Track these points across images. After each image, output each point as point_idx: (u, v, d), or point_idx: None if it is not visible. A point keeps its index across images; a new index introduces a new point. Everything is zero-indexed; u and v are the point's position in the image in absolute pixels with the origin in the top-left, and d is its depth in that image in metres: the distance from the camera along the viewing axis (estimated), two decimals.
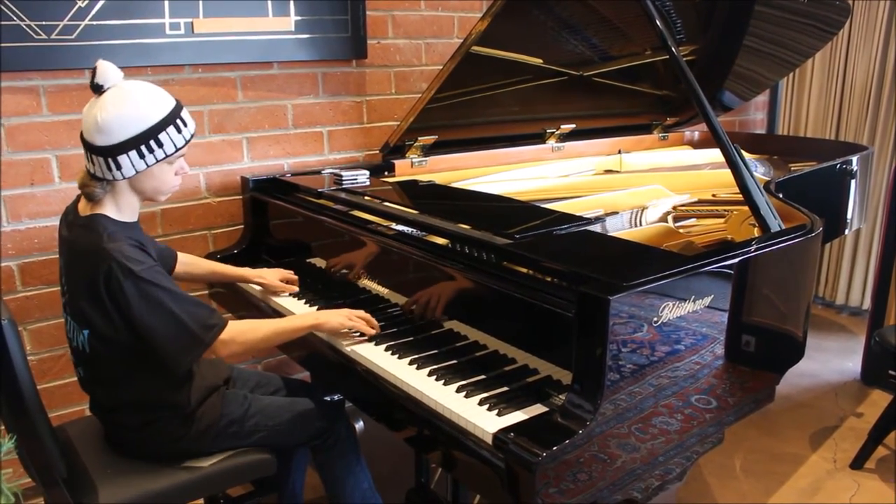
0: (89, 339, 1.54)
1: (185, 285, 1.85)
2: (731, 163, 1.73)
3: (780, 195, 1.97)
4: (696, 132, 3.26)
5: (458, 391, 1.42)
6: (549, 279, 1.41)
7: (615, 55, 2.61)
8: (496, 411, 1.34)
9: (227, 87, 2.42)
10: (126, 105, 1.47)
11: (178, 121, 1.54)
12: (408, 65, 2.80)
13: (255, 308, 2.04)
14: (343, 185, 2.16)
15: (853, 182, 2.64)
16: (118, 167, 1.49)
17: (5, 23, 1.96)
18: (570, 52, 2.47)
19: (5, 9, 1.95)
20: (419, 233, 1.76)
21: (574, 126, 2.80)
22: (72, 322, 1.59)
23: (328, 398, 1.88)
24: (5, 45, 1.97)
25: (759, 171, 2.61)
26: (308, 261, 2.12)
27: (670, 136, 3.16)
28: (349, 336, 1.69)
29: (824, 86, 3.85)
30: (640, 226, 1.91)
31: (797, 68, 3.40)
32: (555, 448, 1.18)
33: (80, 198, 1.61)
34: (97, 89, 1.49)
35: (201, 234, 2.48)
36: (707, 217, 2.05)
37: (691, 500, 2.35)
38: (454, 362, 1.54)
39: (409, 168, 2.45)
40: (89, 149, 1.50)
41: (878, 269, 3.13)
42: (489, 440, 1.27)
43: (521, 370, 1.47)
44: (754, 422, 2.76)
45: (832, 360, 3.38)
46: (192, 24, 2.27)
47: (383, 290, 1.81)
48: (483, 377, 1.46)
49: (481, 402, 1.37)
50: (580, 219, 1.73)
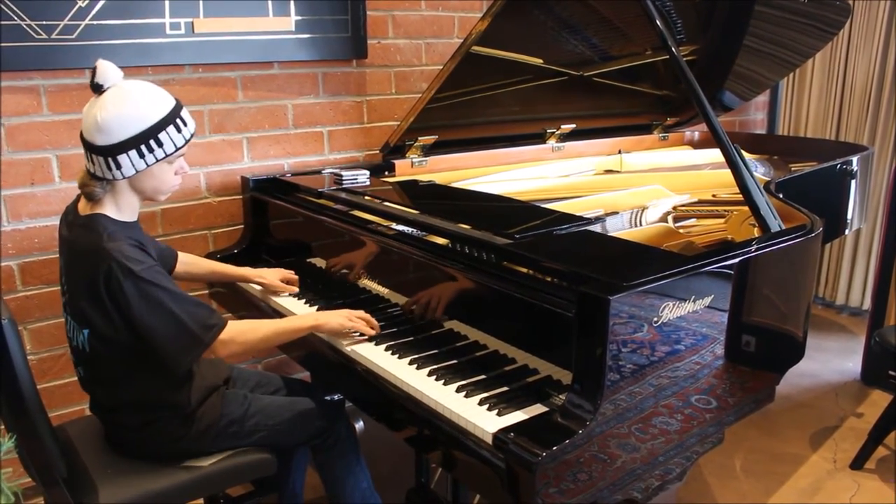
0: (89, 338, 1.54)
1: (185, 285, 1.85)
2: (732, 163, 1.73)
3: (781, 195, 1.97)
4: (696, 132, 3.26)
5: (458, 391, 1.42)
6: (549, 279, 1.41)
7: (615, 55, 2.61)
8: (496, 411, 1.34)
9: (227, 86, 2.42)
10: (126, 105, 1.47)
11: (178, 120, 1.54)
12: (408, 65, 2.80)
13: (256, 308, 2.04)
14: (343, 185, 2.16)
15: (853, 182, 2.64)
16: (118, 167, 1.49)
17: (5, 22, 1.96)
18: (570, 52, 2.47)
19: (5, 8, 1.95)
20: (419, 233, 1.76)
21: (574, 126, 2.80)
22: (72, 322, 1.59)
23: (328, 398, 1.88)
24: (6, 44, 1.97)
25: (759, 171, 2.61)
26: (308, 261, 2.12)
27: (670, 137, 3.16)
28: (349, 336, 1.69)
29: (824, 86, 3.85)
30: (641, 226, 1.90)
31: (797, 68, 3.40)
32: (555, 448, 1.18)
33: (80, 197, 1.61)
34: (97, 89, 1.49)
35: (201, 234, 2.48)
36: (707, 217, 2.05)
37: (691, 500, 2.35)
38: (454, 362, 1.54)
39: (409, 168, 2.45)
40: (89, 148, 1.50)
41: (878, 270, 3.13)
42: (489, 440, 1.27)
43: (521, 370, 1.46)
44: (754, 422, 2.75)
45: (832, 360, 3.38)
46: (192, 23, 2.27)
47: (383, 290, 1.81)
48: (483, 377, 1.46)
49: (481, 402, 1.37)
50: (580, 219, 1.73)
